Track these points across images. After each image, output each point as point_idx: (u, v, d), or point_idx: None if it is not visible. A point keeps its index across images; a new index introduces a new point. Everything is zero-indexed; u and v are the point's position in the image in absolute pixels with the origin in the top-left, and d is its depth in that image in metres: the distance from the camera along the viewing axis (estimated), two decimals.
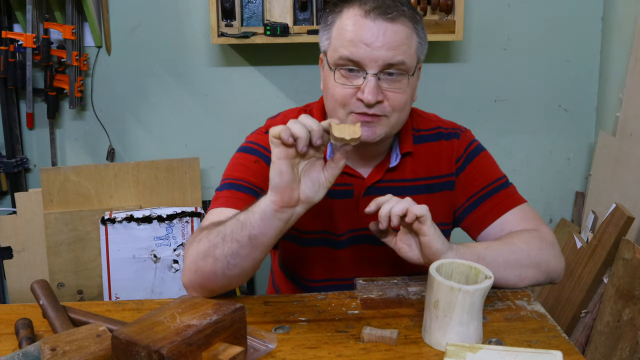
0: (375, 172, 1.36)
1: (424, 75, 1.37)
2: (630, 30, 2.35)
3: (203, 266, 1.13)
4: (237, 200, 1.26)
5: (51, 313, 1.11)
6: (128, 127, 2.61)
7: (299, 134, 1.02)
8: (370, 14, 1.20)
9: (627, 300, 1.89)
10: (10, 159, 2.50)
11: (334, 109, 1.27)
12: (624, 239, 2.00)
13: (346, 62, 1.22)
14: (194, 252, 1.15)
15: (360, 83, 1.22)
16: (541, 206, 2.74)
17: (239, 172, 1.32)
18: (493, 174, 1.39)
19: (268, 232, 1.08)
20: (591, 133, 2.69)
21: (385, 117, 1.25)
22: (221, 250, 1.10)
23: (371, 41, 1.20)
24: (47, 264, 2.38)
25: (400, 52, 1.21)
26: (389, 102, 1.23)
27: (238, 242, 1.09)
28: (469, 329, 1.03)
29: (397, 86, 1.23)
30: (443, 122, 1.44)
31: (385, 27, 1.20)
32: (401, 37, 1.21)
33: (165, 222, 2.32)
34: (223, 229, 1.12)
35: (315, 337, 1.09)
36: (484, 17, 2.57)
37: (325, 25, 1.29)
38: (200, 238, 1.16)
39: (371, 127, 1.24)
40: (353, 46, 1.21)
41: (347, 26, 1.22)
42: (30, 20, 2.34)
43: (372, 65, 1.21)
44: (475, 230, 1.37)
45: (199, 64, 2.57)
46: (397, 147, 1.37)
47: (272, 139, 1.04)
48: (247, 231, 1.08)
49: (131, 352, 0.89)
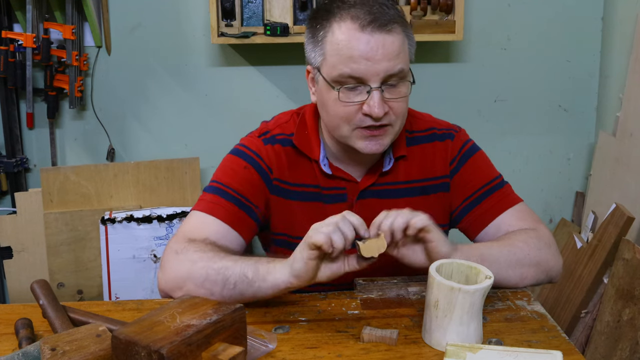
0: (368, 176, 1.36)
1: (424, 75, 1.37)
2: (630, 30, 2.35)
3: (194, 291, 1.15)
4: (219, 208, 1.28)
5: (51, 313, 1.11)
6: (128, 127, 2.61)
7: (338, 246, 1.04)
8: (367, 28, 1.18)
9: (627, 300, 1.89)
10: (10, 158, 2.50)
11: (338, 126, 1.26)
12: (624, 239, 2.00)
13: (347, 79, 1.21)
14: (185, 272, 1.17)
15: (363, 98, 1.21)
16: (541, 206, 2.74)
17: (227, 177, 1.33)
18: (488, 175, 1.39)
19: (274, 295, 1.14)
20: (591, 133, 2.69)
21: (390, 126, 1.25)
22: (220, 290, 1.14)
23: (371, 55, 1.18)
24: (47, 264, 2.38)
25: (399, 60, 1.21)
26: (393, 110, 1.24)
27: (241, 294, 1.14)
28: (469, 329, 1.03)
29: (398, 94, 1.24)
30: (437, 123, 1.43)
31: (383, 39, 1.19)
32: (398, 45, 1.21)
33: (165, 222, 2.32)
34: (226, 272, 1.14)
35: (315, 337, 1.09)
36: (484, 17, 2.56)
37: (314, 40, 1.26)
38: (194, 259, 1.17)
39: (378, 139, 1.25)
40: (354, 62, 1.19)
41: (343, 42, 1.20)
42: (30, 20, 2.34)
43: (374, 79, 1.20)
44: (473, 231, 1.37)
45: (199, 64, 2.57)
46: (391, 151, 1.37)
47: (309, 244, 1.05)
48: (254, 290, 1.13)
49: (131, 352, 0.89)
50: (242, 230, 1.29)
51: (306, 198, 1.36)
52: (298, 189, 1.36)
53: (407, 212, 1.12)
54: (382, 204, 1.35)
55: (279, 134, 1.37)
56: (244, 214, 1.30)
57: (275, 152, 1.35)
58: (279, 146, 1.36)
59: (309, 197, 1.36)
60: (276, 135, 1.37)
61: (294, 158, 1.36)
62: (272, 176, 1.34)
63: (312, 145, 1.35)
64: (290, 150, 1.36)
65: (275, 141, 1.36)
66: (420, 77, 2.83)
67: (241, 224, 1.29)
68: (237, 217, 1.28)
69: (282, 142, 1.36)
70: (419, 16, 2.42)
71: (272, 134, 1.37)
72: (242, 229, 1.29)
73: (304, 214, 1.35)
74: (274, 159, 1.35)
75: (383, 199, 1.36)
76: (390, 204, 1.36)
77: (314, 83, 1.30)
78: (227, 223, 1.27)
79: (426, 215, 1.12)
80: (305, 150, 1.35)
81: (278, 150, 1.35)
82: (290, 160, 1.36)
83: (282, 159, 1.35)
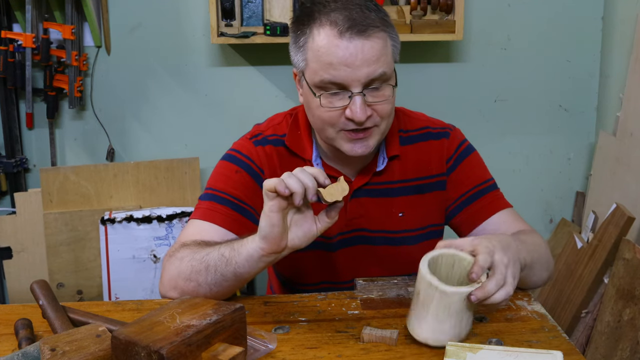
0: (361, 176, 1.36)
1: (424, 75, 1.37)
2: (630, 30, 2.35)
3: (184, 286, 1.17)
4: (215, 214, 1.29)
5: (51, 313, 1.10)
6: (128, 127, 2.61)
7: (295, 189, 1.02)
8: (346, 34, 1.17)
9: (627, 300, 1.89)
10: (9, 159, 2.50)
11: (323, 129, 1.27)
12: (624, 239, 2.00)
13: (328, 85, 1.21)
14: (175, 270, 1.19)
15: (345, 103, 1.21)
16: (541, 206, 2.74)
17: (220, 183, 1.33)
18: (483, 175, 1.40)
19: (252, 271, 1.13)
20: (591, 133, 2.69)
21: (375, 127, 1.25)
22: (204, 278, 1.15)
23: (351, 61, 1.18)
24: (47, 264, 2.38)
25: (380, 64, 1.20)
26: (377, 112, 1.23)
27: (223, 276, 1.14)
28: (443, 326, 1.02)
29: (382, 97, 1.23)
30: (431, 122, 1.43)
31: (362, 44, 1.18)
32: (378, 50, 1.20)
33: (165, 222, 2.32)
34: (207, 257, 1.15)
35: (315, 338, 1.09)
36: (484, 17, 2.56)
37: (297, 45, 1.27)
38: (182, 257, 1.19)
39: (364, 142, 1.25)
40: (333, 69, 1.19)
41: (323, 48, 1.19)
42: (29, 20, 2.34)
43: (355, 85, 1.20)
44: (465, 228, 1.38)
45: (199, 64, 2.57)
46: (384, 151, 1.37)
47: (266, 192, 1.04)
48: (232, 268, 1.12)
49: (131, 352, 0.89)
50: (241, 233, 1.29)
51: None
52: None
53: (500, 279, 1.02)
54: (377, 203, 1.36)
55: (271, 135, 1.38)
56: (241, 216, 1.30)
57: (267, 153, 1.36)
58: (270, 147, 1.36)
59: None
60: (268, 136, 1.38)
61: (286, 158, 1.36)
62: (264, 177, 1.34)
63: (304, 146, 1.36)
64: (282, 150, 1.36)
65: (267, 142, 1.37)
66: (420, 77, 2.83)
67: (239, 226, 1.29)
68: (234, 220, 1.29)
69: (274, 143, 1.37)
70: (419, 16, 2.42)
71: (264, 136, 1.38)
72: (240, 232, 1.29)
73: None
74: (265, 160, 1.35)
75: (377, 198, 1.36)
76: (386, 203, 1.36)
77: (301, 85, 1.30)
78: (224, 227, 1.27)
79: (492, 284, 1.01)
80: (298, 150, 1.35)
81: (270, 151, 1.36)
82: (282, 160, 1.36)
83: (273, 160, 1.35)
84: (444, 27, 2.39)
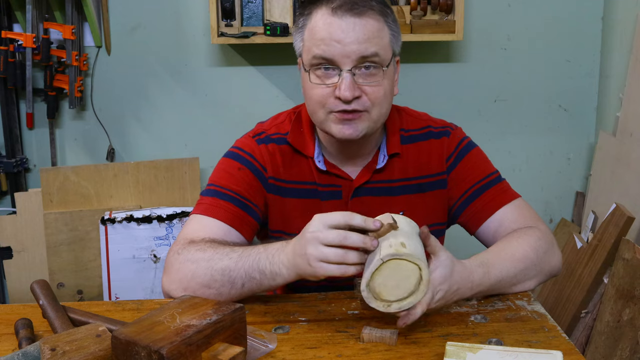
0: (363, 174, 1.36)
1: (424, 75, 1.37)
2: (630, 30, 2.35)
3: (200, 291, 1.18)
4: (218, 209, 1.29)
5: (51, 313, 1.10)
6: (128, 127, 2.61)
7: (353, 272, 1.05)
8: (338, 12, 1.21)
9: (627, 300, 1.89)
10: (10, 159, 2.50)
11: (314, 111, 1.28)
12: (624, 239, 2.00)
13: (320, 60, 1.23)
14: (190, 273, 1.19)
15: (336, 81, 1.23)
16: (541, 206, 2.74)
17: (222, 179, 1.34)
18: (485, 170, 1.39)
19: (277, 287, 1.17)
20: (591, 133, 2.69)
21: (365, 112, 1.25)
22: (227, 290, 1.17)
23: (342, 37, 1.20)
24: (47, 264, 2.38)
25: (372, 44, 1.22)
26: (368, 96, 1.24)
27: (250, 291, 1.18)
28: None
29: (373, 80, 1.24)
30: (433, 121, 1.44)
31: (353, 22, 1.20)
32: (371, 30, 1.22)
33: (165, 222, 2.32)
34: (230, 273, 1.16)
35: (315, 337, 1.09)
36: (484, 17, 2.57)
37: (297, 28, 1.30)
38: (195, 259, 1.19)
39: (352, 124, 1.25)
40: (325, 44, 1.21)
41: (317, 27, 1.23)
42: (30, 20, 2.34)
43: (345, 62, 1.21)
44: (472, 225, 1.37)
45: (199, 64, 2.57)
46: (384, 148, 1.37)
47: (326, 255, 1.05)
48: (265, 288, 1.17)
49: (131, 352, 0.89)
50: (243, 229, 1.29)
51: (302, 195, 1.36)
52: (294, 186, 1.36)
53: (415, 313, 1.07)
54: (378, 202, 1.36)
55: (274, 133, 1.39)
56: (243, 212, 1.30)
57: (269, 151, 1.36)
58: (273, 145, 1.37)
59: (306, 194, 1.36)
60: (271, 134, 1.38)
61: (289, 156, 1.37)
62: (267, 175, 1.35)
63: (306, 143, 1.36)
64: (285, 148, 1.37)
65: (269, 140, 1.38)
66: (420, 77, 2.83)
67: (241, 222, 1.29)
68: (236, 217, 1.29)
69: (277, 141, 1.37)
70: (419, 16, 2.42)
71: (267, 134, 1.39)
72: (242, 228, 1.29)
73: (300, 211, 1.35)
74: (267, 158, 1.36)
75: (379, 196, 1.36)
76: (387, 201, 1.36)
77: (300, 69, 1.32)
78: (227, 223, 1.28)
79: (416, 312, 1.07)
80: (300, 147, 1.36)
81: (272, 149, 1.37)
82: (285, 158, 1.37)
83: (276, 157, 1.36)
84: (444, 27, 2.39)
